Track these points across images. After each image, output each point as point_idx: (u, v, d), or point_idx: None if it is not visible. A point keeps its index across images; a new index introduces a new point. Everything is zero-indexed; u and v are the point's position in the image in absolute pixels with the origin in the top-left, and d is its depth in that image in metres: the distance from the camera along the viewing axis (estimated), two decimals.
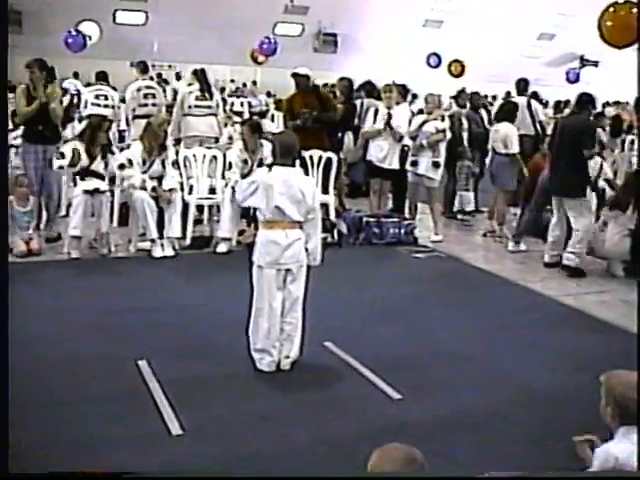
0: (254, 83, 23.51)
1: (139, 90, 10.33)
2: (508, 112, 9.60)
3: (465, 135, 10.44)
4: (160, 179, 7.84)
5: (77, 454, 3.82)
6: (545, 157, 8.84)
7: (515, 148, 9.22)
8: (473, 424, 4.33)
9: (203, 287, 6.82)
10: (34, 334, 5.31)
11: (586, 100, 7.93)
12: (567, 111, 10.10)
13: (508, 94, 16.73)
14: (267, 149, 7.76)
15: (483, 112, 11.36)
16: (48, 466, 3.61)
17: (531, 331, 5.96)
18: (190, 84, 10.13)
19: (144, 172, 7.79)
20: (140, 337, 5.43)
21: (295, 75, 9.49)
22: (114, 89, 11.31)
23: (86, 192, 7.44)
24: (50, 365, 4.86)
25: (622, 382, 2.88)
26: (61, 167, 7.62)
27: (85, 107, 9.85)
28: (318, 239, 4.98)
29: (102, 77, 10.91)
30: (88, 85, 11.05)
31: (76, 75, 17.98)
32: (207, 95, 9.83)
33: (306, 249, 4.88)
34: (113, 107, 10.06)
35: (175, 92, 12.88)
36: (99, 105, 9.80)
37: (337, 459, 3.85)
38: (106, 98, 10.03)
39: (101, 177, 7.67)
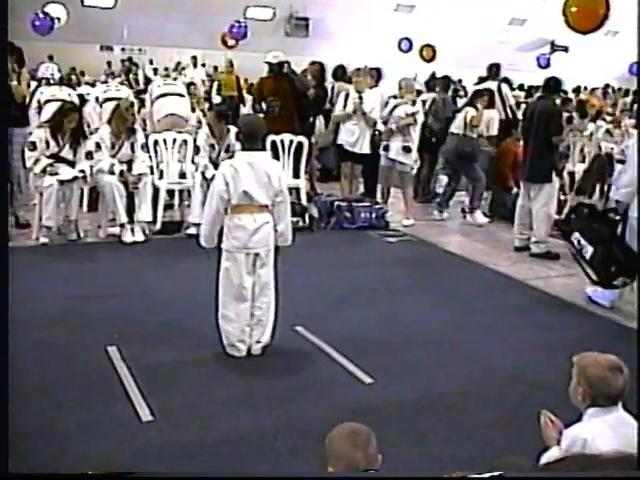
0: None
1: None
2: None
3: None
4: (130, 163, 7.76)
5: (46, 442, 3.79)
6: (518, 141, 8.90)
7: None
8: (444, 407, 4.35)
9: (173, 272, 6.77)
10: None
11: (553, 84, 7.95)
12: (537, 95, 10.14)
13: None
14: (234, 135, 7.70)
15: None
16: (16, 454, 3.57)
17: (501, 314, 6.01)
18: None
19: (113, 156, 7.71)
20: (109, 323, 5.37)
21: (267, 62, 9.49)
22: (73, 70, 11.16)
23: (61, 182, 7.35)
24: (17, 352, 4.78)
25: (594, 363, 2.89)
26: (35, 162, 7.46)
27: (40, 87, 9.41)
28: (288, 220, 4.96)
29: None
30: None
31: (51, 58, 17.65)
32: (174, 79, 9.92)
33: (276, 230, 4.86)
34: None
35: (146, 78, 12.78)
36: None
37: (307, 444, 3.84)
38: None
39: (70, 164, 7.56)
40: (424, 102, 10.14)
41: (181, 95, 9.87)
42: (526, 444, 3.38)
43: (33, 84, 9.08)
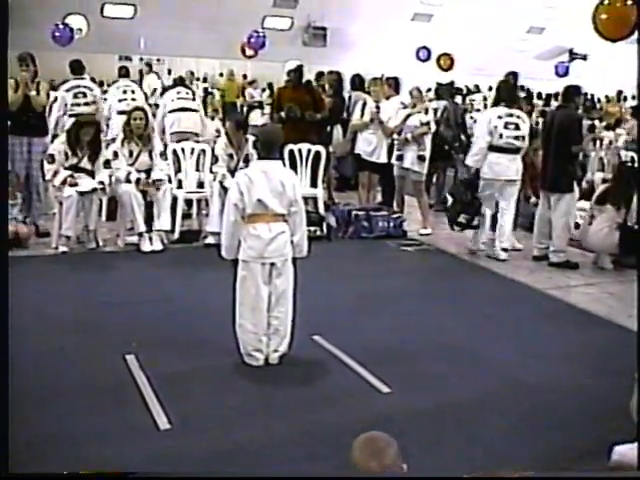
0: (244, 77, 23.43)
1: (117, 88, 10.53)
2: None
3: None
4: (148, 172, 7.81)
5: (64, 449, 3.80)
6: (536, 151, 8.84)
7: None
8: (460, 416, 4.33)
9: (191, 281, 6.79)
10: (20, 328, 5.25)
11: (573, 92, 7.91)
12: (555, 104, 10.12)
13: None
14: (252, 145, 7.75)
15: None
16: (34, 461, 3.60)
17: (519, 324, 5.97)
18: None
19: (131, 164, 7.76)
20: (127, 331, 5.39)
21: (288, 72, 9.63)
22: (93, 80, 11.27)
23: (80, 193, 7.41)
24: (36, 359, 4.83)
25: None
26: (54, 174, 7.50)
27: (65, 107, 9.25)
28: (303, 231, 4.95)
29: (77, 68, 9.75)
30: (64, 82, 10.03)
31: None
32: (189, 92, 10.14)
33: (292, 241, 4.86)
34: (95, 102, 9.44)
35: (164, 88, 13.00)
36: (79, 104, 9.21)
37: (324, 453, 3.84)
38: (85, 95, 9.36)
39: (89, 174, 7.61)
40: (435, 110, 10.13)
41: (194, 110, 10.00)
42: (542, 454, 3.37)
43: (52, 94, 9.08)
